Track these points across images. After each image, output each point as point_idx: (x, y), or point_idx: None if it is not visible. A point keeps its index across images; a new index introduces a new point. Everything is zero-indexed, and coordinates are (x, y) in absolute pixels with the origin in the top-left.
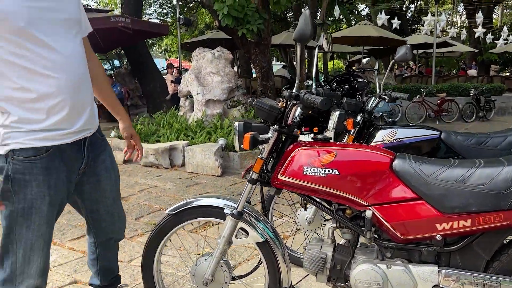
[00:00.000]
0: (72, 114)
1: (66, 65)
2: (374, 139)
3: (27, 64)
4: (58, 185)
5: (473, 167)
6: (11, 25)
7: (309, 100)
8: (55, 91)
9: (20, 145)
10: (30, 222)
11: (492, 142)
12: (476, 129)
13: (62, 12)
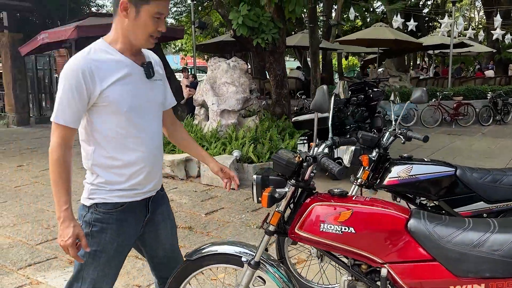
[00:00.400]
0: (146, 179)
1: (149, 140)
2: (390, 174)
3: (122, 139)
4: (126, 234)
5: (488, 231)
6: (117, 109)
7: (326, 166)
8: (137, 161)
9: (102, 200)
10: (98, 264)
11: (508, 180)
12: (492, 132)
13: (153, 99)
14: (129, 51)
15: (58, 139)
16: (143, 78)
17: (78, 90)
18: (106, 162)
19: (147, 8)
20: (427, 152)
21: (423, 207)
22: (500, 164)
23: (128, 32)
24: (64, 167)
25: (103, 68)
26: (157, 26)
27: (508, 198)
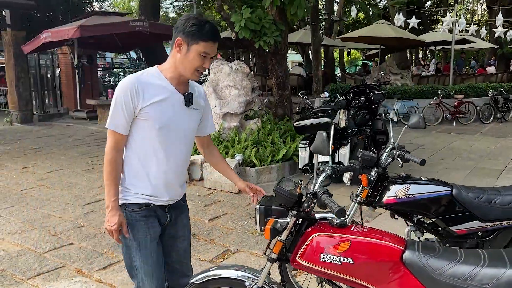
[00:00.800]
0: (164, 190)
1: (173, 158)
2: (388, 193)
3: (150, 152)
4: (154, 226)
5: (478, 265)
6: (152, 125)
7: (326, 204)
8: (158, 174)
9: (128, 201)
10: (141, 257)
11: (502, 200)
12: (493, 131)
13: (187, 124)
14: (176, 80)
15: (111, 143)
16: (182, 105)
17: (126, 102)
18: (134, 168)
19: (196, 47)
20: (428, 153)
21: (421, 224)
22: (500, 166)
23: (179, 64)
24: (115, 166)
25: (148, 89)
26: (202, 62)
27: (501, 218)
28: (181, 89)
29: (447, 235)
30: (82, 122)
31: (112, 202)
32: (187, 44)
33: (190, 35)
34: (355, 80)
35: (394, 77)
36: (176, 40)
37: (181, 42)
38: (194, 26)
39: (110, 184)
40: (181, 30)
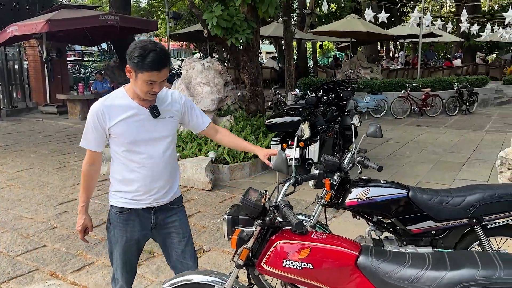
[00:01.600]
0: (145, 194)
1: (151, 164)
2: (350, 195)
3: (126, 162)
4: (131, 232)
5: (423, 268)
6: (122, 140)
7: (286, 216)
8: (137, 180)
9: (115, 204)
10: (116, 251)
11: (453, 201)
12: (458, 123)
13: (158, 133)
14: (138, 97)
15: (86, 157)
16: (149, 118)
17: (95, 125)
18: (117, 176)
19: (141, 76)
20: (395, 147)
21: (380, 224)
22: (462, 159)
23: (133, 87)
24: (87, 177)
25: (112, 111)
26: (151, 88)
27: (452, 217)
28: (145, 104)
29: (404, 234)
30: (52, 117)
31: (81, 207)
32: (135, 72)
33: (135, 64)
34: (327, 73)
35: (364, 71)
36: (126, 67)
37: (129, 69)
38: (137, 58)
39: (82, 192)
40: (129, 58)
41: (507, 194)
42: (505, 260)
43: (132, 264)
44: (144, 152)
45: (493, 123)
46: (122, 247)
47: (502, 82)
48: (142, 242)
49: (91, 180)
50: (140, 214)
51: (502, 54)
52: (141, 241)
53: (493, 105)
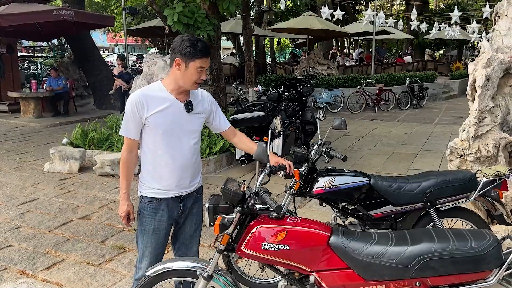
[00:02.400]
0: (174, 185)
1: (179, 156)
2: (317, 184)
3: (157, 152)
4: (159, 220)
5: (387, 245)
6: (156, 131)
7: (266, 201)
8: (167, 171)
9: (144, 194)
10: (143, 240)
11: (409, 187)
12: (410, 117)
13: (189, 127)
14: (176, 91)
15: (125, 145)
16: (183, 112)
17: (133, 114)
18: (148, 167)
19: (193, 64)
20: (352, 140)
21: (345, 210)
22: (414, 150)
23: (179, 79)
24: (127, 164)
25: (151, 101)
26: (199, 75)
27: (409, 202)
28: (181, 98)
29: (366, 219)
30: (3, 116)
31: (123, 194)
32: (185, 62)
33: (187, 54)
34: (285, 69)
35: (321, 67)
36: (175, 60)
37: (179, 62)
38: (189, 48)
39: (123, 179)
40: (178, 52)
41: (456, 179)
42: (456, 234)
43: (155, 252)
44: (176, 143)
45: (442, 116)
46: (150, 235)
47: (449, 78)
48: (168, 231)
49: (131, 167)
50: (169, 204)
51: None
52: (168, 230)
53: (441, 99)
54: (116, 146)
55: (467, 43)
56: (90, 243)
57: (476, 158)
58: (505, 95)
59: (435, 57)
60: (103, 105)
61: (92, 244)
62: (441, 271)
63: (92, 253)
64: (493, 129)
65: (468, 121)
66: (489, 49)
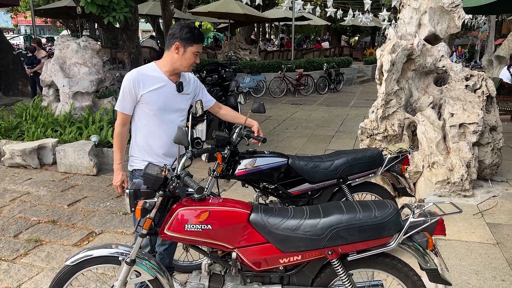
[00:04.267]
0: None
1: (170, 131)
2: (239, 166)
3: (151, 128)
4: None
5: (302, 218)
6: (150, 107)
7: (188, 184)
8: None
9: (137, 167)
10: None
11: (324, 165)
12: (328, 100)
13: (178, 106)
14: (169, 73)
15: (119, 120)
16: (174, 91)
17: (129, 90)
18: (141, 142)
19: (191, 49)
20: (274, 124)
21: (266, 190)
22: (331, 132)
23: (176, 62)
24: (120, 137)
25: (146, 80)
26: (194, 59)
27: (324, 179)
28: (173, 79)
29: (286, 197)
30: None
31: (117, 165)
32: (184, 47)
33: (186, 39)
34: (208, 54)
35: (243, 52)
36: (175, 45)
37: (179, 46)
38: (189, 33)
39: (116, 151)
40: (178, 37)
41: (365, 156)
42: (363, 205)
43: None
44: (167, 119)
45: (357, 99)
46: None
47: (363, 63)
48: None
49: (124, 140)
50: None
51: (363, 37)
52: None
53: (356, 84)
54: (26, 135)
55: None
56: (2, 238)
57: (384, 137)
58: (408, 79)
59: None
60: (10, 92)
61: (3, 239)
62: (349, 239)
63: (4, 248)
64: (398, 110)
65: (377, 103)
66: (394, 36)
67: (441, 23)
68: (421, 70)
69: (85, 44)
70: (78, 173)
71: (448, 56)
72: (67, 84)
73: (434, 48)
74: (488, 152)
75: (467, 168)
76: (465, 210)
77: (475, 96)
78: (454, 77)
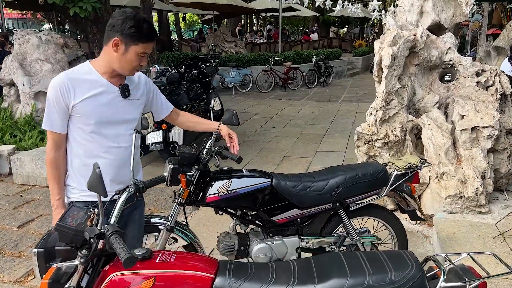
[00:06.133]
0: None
1: (117, 149)
2: (210, 190)
3: (90, 146)
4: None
5: (289, 284)
6: (87, 120)
7: (114, 248)
8: (105, 168)
9: (75, 199)
10: None
11: (316, 186)
12: (317, 95)
13: (126, 115)
14: (109, 74)
15: (50, 142)
16: (118, 97)
17: (57, 101)
18: (77, 166)
19: (135, 48)
20: (261, 122)
21: (244, 218)
22: (322, 131)
23: (115, 62)
24: (56, 165)
25: (78, 85)
26: (140, 61)
27: (317, 203)
28: (115, 82)
29: (269, 225)
30: None
31: (56, 201)
32: (125, 45)
33: (129, 36)
34: (192, 47)
35: (228, 44)
36: (113, 40)
37: (118, 42)
38: (133, 29)
39: (53, 183)
40: (119, 31)
41: (366, 174)
42: (373, 264)
43: None
44: (111, 135)
45: (347, 93)
46: None
47: (353, 55)
48: None
49: (61, 167)
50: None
51: (352, 29)
52: None
53: (346, 76)
54: None
55: (368, 21)
56: None
57: (384, 143)
58: (410, 75)
59: (339, 35)
60: None
61: None
62: None
63: None
64: (400, 112)
65: (375, 104)
66: (394, 26)
67: (446, 11)
68: (425, 65)
69: (47, 38)
70: (37, 185)
71: (455, 48)
72: (27, 83)
73: (439, 40)
74: (505, 159)
75: (482, 179)
76: (482, 232)
77: (488, 94)
78: (463, 72)
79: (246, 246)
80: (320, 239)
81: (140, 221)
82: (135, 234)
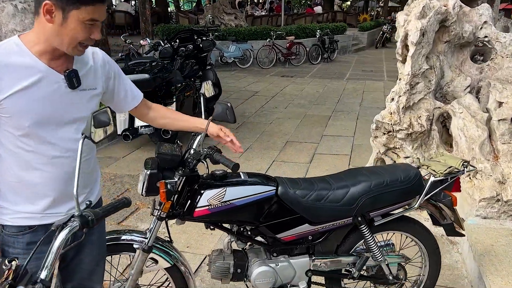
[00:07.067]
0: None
1: (62, 159)
2: (199, 202)
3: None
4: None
5: None
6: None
7: None
8: (43, 182)
9: (7, 222)
10: None
11: (333, 196)
12: (321, 72)
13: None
14: (49, 54)
15: None
16: (63, 89)
17: None
18: (10, 181)
19: (77, 14)
20: (262, 101)
21: (242, 233)
22: (327, 112)
23: (51, 36)
24: None
25: (6, 73)
26: (89, 33)
27: (333, 218)
28: (58, 67)
29: (274, 243)
30: None
31: None
32: (62, 10)
33: None
34: (189, 18)
35: (228, 17)
36: (44, 5)
37: (51, 7)
38: None
39: None
40: None
41: (396, 180)
42: None
43: None
44: (55, 140)
45: (353, 70)
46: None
47: (357, 29)
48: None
49: None
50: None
51: (356, 2)
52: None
53: (351, 52)
54: None
55: None
56: None
57: (407, 134)
58: (439, 54)
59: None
60: None
61: None
62: None
63: None
64: (427, 97)
65: (398, 88)
66: None
67: None
68: (456, 42)
69: (24, 6)
70: None
71: (492, 23)
72: None
73: (473, 12)
74: None
75: None
76: None
77: None
78: (500, 51)
79: (244, 268)
80: (336, 259)
81: (100, 240)
82: (92, 257)
